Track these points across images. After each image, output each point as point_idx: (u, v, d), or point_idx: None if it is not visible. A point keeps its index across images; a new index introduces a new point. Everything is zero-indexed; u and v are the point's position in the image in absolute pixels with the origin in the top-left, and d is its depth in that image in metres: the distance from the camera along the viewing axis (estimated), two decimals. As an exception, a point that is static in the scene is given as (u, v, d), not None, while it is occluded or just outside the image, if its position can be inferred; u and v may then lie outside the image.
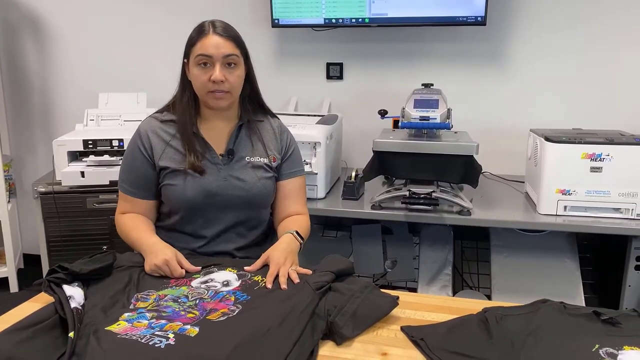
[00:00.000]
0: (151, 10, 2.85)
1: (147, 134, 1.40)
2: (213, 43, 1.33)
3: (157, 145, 1.39)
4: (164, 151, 1.39)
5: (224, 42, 1.34)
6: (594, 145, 1.90)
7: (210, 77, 1.32)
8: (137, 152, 1.41)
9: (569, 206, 1.96)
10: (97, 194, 2.39)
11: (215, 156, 1.42)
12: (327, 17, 2.51)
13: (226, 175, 1.40)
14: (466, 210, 1.98)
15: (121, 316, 0.99)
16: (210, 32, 1.34)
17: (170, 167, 1.37)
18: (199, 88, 1.37)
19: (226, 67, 1.34)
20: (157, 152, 1.39)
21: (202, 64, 1.34)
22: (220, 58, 1.33)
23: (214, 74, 1.32)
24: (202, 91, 1.37)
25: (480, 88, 2.56)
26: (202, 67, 1.34)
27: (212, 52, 1.32)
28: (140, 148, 1.40)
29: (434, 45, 2.57)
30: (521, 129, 2.41)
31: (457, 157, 1.98)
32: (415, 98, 2.11)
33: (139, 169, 1.40)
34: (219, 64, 1.33)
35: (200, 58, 1.33)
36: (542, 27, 2.44)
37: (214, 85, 1.33)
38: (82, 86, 3.00)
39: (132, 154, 1.42)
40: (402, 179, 2.15)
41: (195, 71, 1.35)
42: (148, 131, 1.41)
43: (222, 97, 1.36)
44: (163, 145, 1.39)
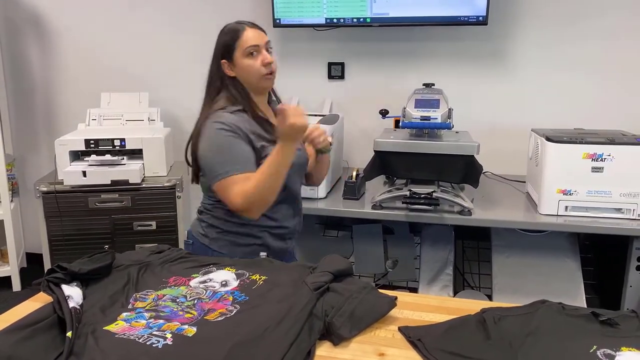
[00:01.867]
0: (153, 11, 2.86)
1: (232, 123, 1.46)
2: (255, 34, 1.51)
3: (246, 130, 1.47)
4: (251, 137, 1.48)
5: (260, 33, 1.54)
6: (595, 145, 1.89)
7: (263, 61, 1.50)
8: (231, 138, 1.45)
9: (570, 206, 1.95)
10: (99, 194, 2.40)
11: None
12: (328, 16, 2.51)
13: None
14: (467, 210, 1.98)
15: (119, 316, 0.99)
16: (247, 27, 1.52)
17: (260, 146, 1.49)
18: (254, 74, 1.51)
19: (268, 53, 1.53)
20: (249, 135, 1.48)
21: (250, 54, 1.50)
22: (264, 45, 1.52)
23: (267, 57, 1.51)
24: (257, 76, 1.51)
25: (482, 88, 2.56)
26: (251, 56, 1.50)
27: (258, 41, 1.51)
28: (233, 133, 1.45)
29: (436, 44, 2.56)
30: (522, 128, 2.40)
31: (458, 157, 1.98)
32: (416, 98, 2.11)
33: (242, 149, 1.46)
34: (264, 50, 1.52)
35: (249, 49, 1.49)
36: (543, 26, 2.43)
37: (268, 67, 1.51)
38: (84, 86, 3.01)
39: (228, 142, 1.45)
40: (403, 178, 2.14)
41: (247, 61, 1.50)
42: (230, 120, 1.46)
43: (272, 77, 1.55)
44: (248, 131, 1.48)
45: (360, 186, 2.23)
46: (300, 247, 2.51)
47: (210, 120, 1.47)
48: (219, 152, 1.45)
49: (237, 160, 1.44)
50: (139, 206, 2.43)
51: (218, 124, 1.46)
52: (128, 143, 2.42)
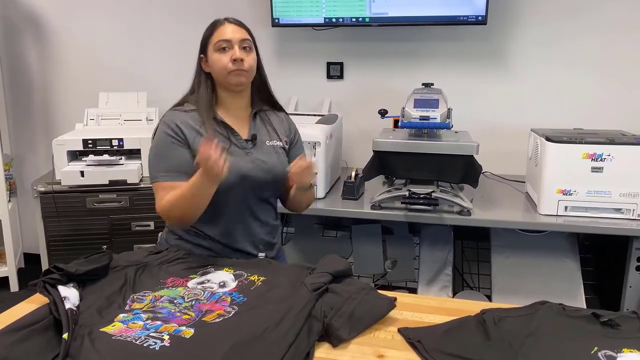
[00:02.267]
0: (152, 10, 2.85)
1: (176, 124, 1.43)
2: (230, 29, 1.46)
3: (189, 134, 1.43)
4: (194, 139, 1.43)
5: (238, 29, 1.47)
6: (594, 145, 1.88)
7: (231, 57, 1.43)
8: (168, 141, 1.43)
9: (570, 206, 1.95)
10: (96, 194, 2.39)
11: (242, 140, 1.49)
12: (327, 16, 2.50)
13: (254, 158, 1.48)
14: (466, 211, 1.97)
15: (116, 317, 0.98)
16: (225, 22, 1.48)
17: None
18: (221, 70, 1.45)
19: (242, 51, 1.46)
20: (190, 139, 1.43)
21: (221, 49, 1.44)
22: (238, 41, 1.45)
23: (234, 53, 1.43)
24: (223, 72, 1.45)
25: (481, 87, 2.55)
26: (222, 51, 1.44)
27: (230, 36, 1.44)
28: (173, 136, 1.42)
29: (435, 44, 2.56)
30: (522, 128, 2.40)
31: (457, 157, 1.97)
32: (415, 98, 2.10)
33: (175, 155, 1.42)
34: (237, 46, 1.45)
35: (219, 43, 1.44)
36: (543, 26, 2.43)
37: (235, 64, 1.43)
38: (82, 85, 3.00)
39: (165, 144, 1.43)
40: (402, 178, 2.14)
41: (216, 56, 1.45)
42: (176, 121, 1.44)
43: (241, 74, 1.45)
44: (194, 133, 1.44)
45: (359, 186, 2.23)
46: (299, 248, 2.50)
47: (162, 118, 1.47)
48: (156, 154, 1.44)
49: (168, 167, 1.41)
50: (137, 206, 2.42)
51: (164, 124, 1.45)
52: (126, 143, 2.41)
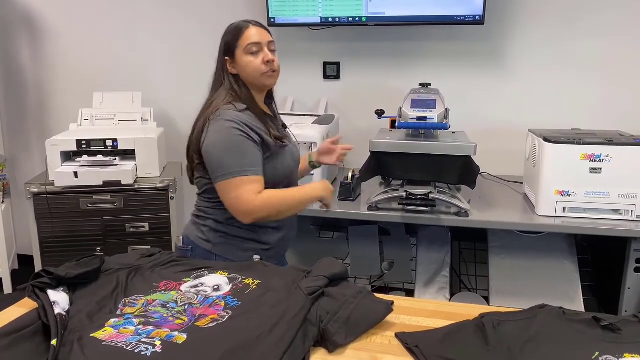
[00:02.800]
0: (147, 10, 2.82)
1: (244, 123, 1.45)
2: (258, 32, 1.51)
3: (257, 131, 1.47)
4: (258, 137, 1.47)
5: (264, 31, 1.54)
6: (593, 145, 1.87)
7: (264, 59, 1.49)
8: (244, 138, 1.43)
9: (568, 207, 1.93)
10: (90, 195, 2.36)
11: (282, 130, 1.64)
12: (323, 15, 2.48)
13: (293, 142, 1.65)
14: (464, 212, 1.95)
15: (107, 322, 0.96)
16: (251, 25, 1.52)
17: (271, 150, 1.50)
18: (254, 72, 1.50)
19: (271, 53, 1.53)
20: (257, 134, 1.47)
21: (252, 52, 1.49)
22: (267, 43, 1.52)
23: (267, 55, 1.50)
24: (256, 74, 1.51)
25: (478, 87, 2.54)
26: (253, 54, 1.49)
27: (259, 39, 1.50)
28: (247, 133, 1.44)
29: (432, 44, 2.54)
30: (519, 129, 2.38)
31: (454, 158, 1.95)
32: (412, 98, 2.09)
33: (253, 151, 1.45)
34: (266, 48, 1.51)
35: (250, 47, 1.49)
36: (540, 26, 2.41)
37: (268, 66, 1.50)
38: (77, 85, 2.97)
39: (241, 141, 1.43)
40: (399, 179, 2.12)
41: (248, 59, 1.50)
42: (242, 119, 1.45)
43: (273, 75, 1.54)
44: (256, 131, 1.47)
45: (356, 187, 2.21)
46: (295, 249, 2.48)
47: (221, 117, 1.44)
48: (231, 150, 1.42)
49: (251, 162, 1.43)
50: (132, 207, 2.40)
51: (230, 122, 1.42)
52: (120, 143, 2.38)
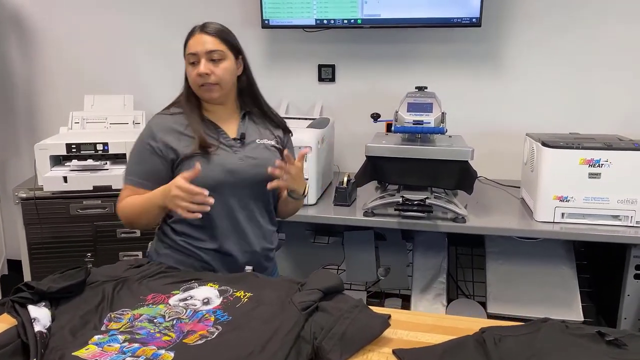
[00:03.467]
0: (139, 11, 2.77)
1: (158, 132, 1.44)
2: (198, 41, 1.42)
3: (171, 139, 1.43)
4: (179, 140, 1.43)
5: (208, 39, 1.43)
6: (592, 150, 1.84)
7: (196, 72, 1.41)
8: (146, 148, 1.44)
9: (567, 213, 1.90)
10: (80, 200, 2.31)
11: (229, 139, 1.48)
12: (318, 17, 2.44)
13: (242, 156, 1.47)
14: (461, 218, 1.92)
15: (91, 339, 0.92)
16: (197, 32, 1.44)
17: (187, 153, 1.41)
18: (192, 84, 1.45)
19: (211, 62, 1.42)
20: (171, 144, 1.42)
21: (192, 62, 1.43)
22: (204, 54, 1.41)
23: (199, 68, 1.41)
24: (194, 87, 1.45)
25: (475, 90, 2.50)
26: (193, 65, 1.43)
27: (196, 49, 1.42)
28: (151, 144, 1.43)
29: (428, 46, 2.51)
30: (517, 132, 2.35)
31: (451, 163, 1.92)
32: (408, 101, 2.05)
33: (149, 162, 1.43)
34: (203, 59, 1.41)
35: (189, 57, 1.44)
36: (538, 28, 2.38)
37: (202, 79, 1.42)
38: (67, 88, 2.91)
39: (142, 150, 1.45)
40: (396, 184, 2.08)
41: (188, 69, 1.46)
42: (160, 128, 1.44)
43: (211, 89, 1.43)
44: (177, 135, 1.44)
45: (352, 192, 2.17)
46: (290, 254, 2.44)
47: (149, 122, 1.50)
48: (132, 155, 1.48)
49: (139, 172, 1.44)
50: (123, 213, 2.35)
51: (148, 129, 1.46)
52: (111, 147, 2.33)
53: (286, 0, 2.43)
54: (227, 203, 1.43)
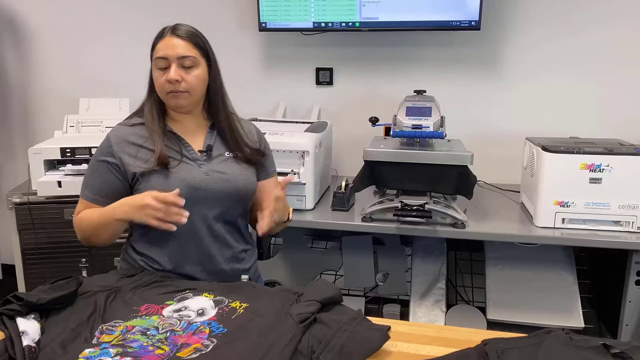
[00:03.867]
0: (134, 14, 2.75)
1: (116, 146, 1.36)
2: (169, 44, 1.33)
3: (129, 152, 1.35)
4: (137, 155, 1.34)
5: (180, 43, 1.34)
6: (593, 155, 1.82)
7: (166, 77, 1.32)
8: (102, 164, 1.37)
9: (567, 218, 1.88)
10: (75, 205, 2.27)
11: (194, 152, 1.39)
12: (316, 20, 2.42)
13: (207, 170, 1.37)
14: (460, 223, 1.89)
15: (81, 353, 0.89)
16: (168, 35, 1.35)
17: (145, 168, 1.32)
18: (159, 90, 1.36)
19: (183, 68, 1.33)
20: (128, 159, 1.34)
21: (160, 68, 1.34)
22: (176, 59, 1.32)
23: (169, 74, 1.31)
24: (162, 93, 1.35)
25: (474, 94, 2.48)
26: (161, 69, 1.34)
27: (168, 53, 1.32)
28: (108, 160, 1.36)
29: (427, 50, 2.49)
30: (516, 136, 2.34)
31: (451, 168, 1.90)
32: (407, 105, 2.03)
33: (104, 178, 1.36)
34: (174, 64, 1.32)
35: (158, 60, 1.34)
36: (538, 32, 2.37)
37: (171, 86, 1.32)
38: (62, 91, 2.88)
39: (98, 165, 1.38)
40: (394, 189, 2.06)
41: (155, 74, 1.35)
42: (118, 140, 1.37)
43: (180, 96, 1.34)
44: (135, 149, 1.35)
45: (350, 197, 2.14)
46: (287, 259, 2.41)
47: (109, 133, 1.41)
48: (88, 169, 1.41)
49: (93, 186, 1.37)
50: (118, 217, 2.32)
51: (107, 141, 1.38)
52: (106, 152, 2.30)
53: (283, 3, 2.41)
54: (189, 222, 1.24)
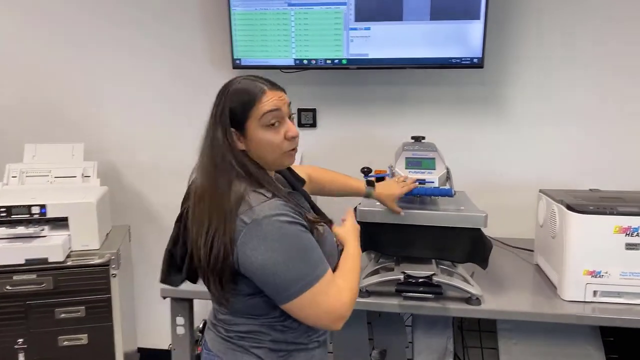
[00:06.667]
0: (93, 49, 2.41)
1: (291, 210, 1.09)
2: (278, 96, 1.13)
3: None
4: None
5: (283, 94, 1.16)
6: (629, 216, 1.54)
7: (286, 134, 1.13)
8: (300, 231, 1.08)
9: (600, 291, 1.59)
10: (10, 274, 1.90)
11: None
12: (297, 57, 2.13)
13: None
14: (475, 299, 1.58)
15: None
16: (267, 89, 1.13)
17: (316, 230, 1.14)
18: (274, 150, 1.14)
19: (292, 122, 1.17)
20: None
21: (271, 125, 1.12)
22: (288, 112, 1.16)
23: (291, 129, 1.14)
24: (277, 153, 1.14)
25: (476, 139, 2.22)
26: (272, 127, 1.12)
27: (280, 105, 1.13)
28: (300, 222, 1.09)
29: (424, 89, 2.22)
30: (525, 184, 2.10)
31: (461, 231, 1.61)
32: (406, 156, 1.75)
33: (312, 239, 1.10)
34: (287, 118, 1.15)
35: (268, 117, 1.11)
36: (546, 69, 2.13)
37: (291, 144, 1.15)
38: (4, 135, 2.51)
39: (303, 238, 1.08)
40: (394, 256, 1.74)
41: (266, 135, 1.12)
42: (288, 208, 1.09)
43: (295, 153, 1.19)
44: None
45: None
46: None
47: (263, 216, 1.04)
48: (299, 257, 1.06)
49: (319, 255, 1.09)
50: (63, 289, 1.94)
51: (281, 215, 1.05)
52: (50, 210, 1.94)
53: (260, 38, 2.12)
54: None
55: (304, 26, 2.09)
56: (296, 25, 2.09)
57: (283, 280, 1.04)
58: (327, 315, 1.07)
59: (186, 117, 2.41)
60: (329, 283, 1.07)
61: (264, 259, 1.03)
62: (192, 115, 2.39)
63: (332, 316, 1.08)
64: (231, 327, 1.18)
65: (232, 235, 1.03)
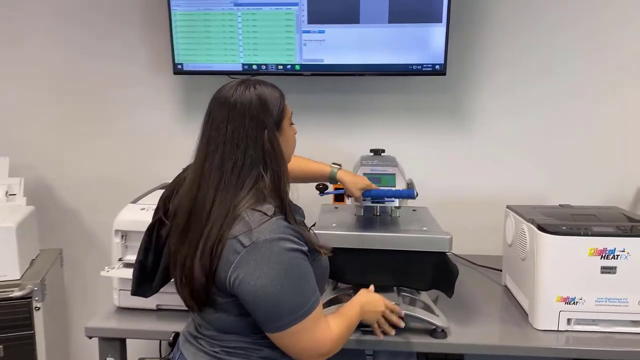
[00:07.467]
0: (26, 57, 2.17)
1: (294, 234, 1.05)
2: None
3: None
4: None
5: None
6: (604, 237, 1.42)
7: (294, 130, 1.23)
8: (300, 260, 1.04)
9: (574, 319, 1.46)
10: None
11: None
12: (246, 62, 1.95)
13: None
14: (441, 331, 1.43)
15: None
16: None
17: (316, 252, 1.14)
18: (294, 145, 1.24)
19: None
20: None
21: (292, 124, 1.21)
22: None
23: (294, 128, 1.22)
24: (293, 149, 1.25)
25: (438, 151, 2.09)
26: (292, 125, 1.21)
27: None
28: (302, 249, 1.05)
29: (382, 98, 2.08)
30: (489, 198, 1.99)
31: (425, 256, 1.45)
32: (364, 171, 1.59)
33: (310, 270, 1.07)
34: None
35: (291, 118, 1.20)
36: (511, 77, 2.02)
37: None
38: None
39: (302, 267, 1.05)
40: (351, 283, 1.57)
41: (291, 131, 1.21)
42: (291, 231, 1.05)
43: None
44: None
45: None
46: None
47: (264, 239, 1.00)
48: (295, 286, 1.03)
49: (313, 287, 1.07)
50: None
51: (282, 240, 1.01)
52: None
53: (204, 42, 1.93)
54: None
55: (252, 28, 1.91)
56: (244, 27, 1.91)
57: (275, 311, 1.01)
58: (309, 349, 1.07)
59: (124, 127, 2.18)
60: (317, 318, 1.06)
61: (257, 285, 0.99)
62: (129, 125, 2.17)
63: (314, 352, 1.08)
64: (217, 342, 1.13)
65: (228, 257, 1.00)
